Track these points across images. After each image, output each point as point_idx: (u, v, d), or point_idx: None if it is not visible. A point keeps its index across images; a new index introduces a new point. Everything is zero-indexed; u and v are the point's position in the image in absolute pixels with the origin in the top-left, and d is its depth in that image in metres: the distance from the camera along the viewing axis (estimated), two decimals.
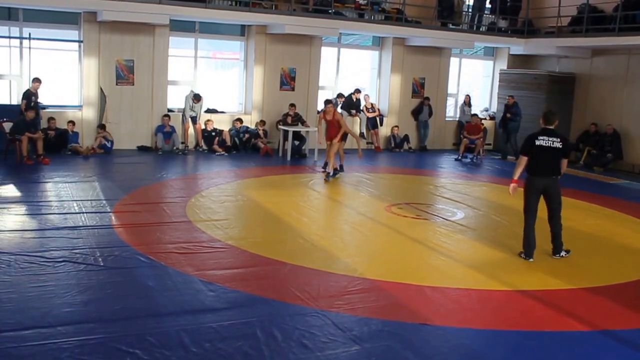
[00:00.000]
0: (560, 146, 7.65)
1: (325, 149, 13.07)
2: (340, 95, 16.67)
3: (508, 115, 16.86)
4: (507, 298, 6.50)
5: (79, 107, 14.33)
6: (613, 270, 7.62)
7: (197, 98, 14.57)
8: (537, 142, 7.66)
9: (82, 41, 14.09)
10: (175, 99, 15.20)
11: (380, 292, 6.36)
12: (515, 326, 5.77)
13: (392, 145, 17.47)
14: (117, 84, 14.35)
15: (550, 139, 7.66)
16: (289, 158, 14.68)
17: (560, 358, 5.15)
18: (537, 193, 7.76)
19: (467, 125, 16.99)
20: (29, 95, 12.89)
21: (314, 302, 5.87)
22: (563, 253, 7.93)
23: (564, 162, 7.78)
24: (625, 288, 7.00)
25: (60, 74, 15.10)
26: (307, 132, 15.31)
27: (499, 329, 5.71)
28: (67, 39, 14.44)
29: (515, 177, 7.85)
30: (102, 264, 6.63)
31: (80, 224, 8.12)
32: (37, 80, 13.07)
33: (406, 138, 17.61)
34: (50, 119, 13.54)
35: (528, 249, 7.82)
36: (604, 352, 5.30)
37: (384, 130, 17.62)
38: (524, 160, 7.76)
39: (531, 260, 7.76)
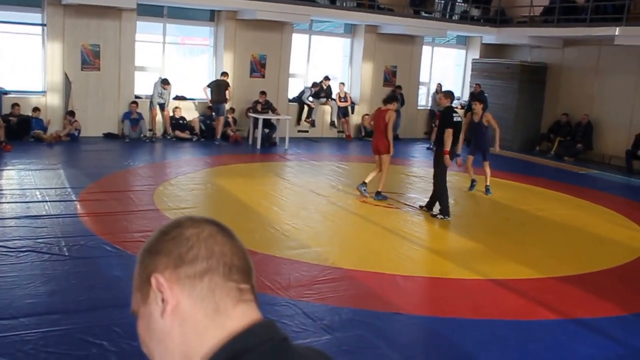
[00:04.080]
0: (461, 119, 9.06)
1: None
2: (315, 85, 16.55)
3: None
4: (480, 287, 6.48)
5: (43, 92, 13.97)
6: (584, 260, 7.66)
7: (165, 82, 14.29)
8: (455, 119, 8.87)
9: (45, 25, 13.71)
10: (143, 86, 14.91)
11: (351, 281, 6.29)
12: (487, 315, 5.76)
13: (363, 134, 17.37)
14: (82, 70, 14.01)
15: (457, 114, 9.04)
16: (259, 146, 14.51)
17: (532, 346, 5.15)
18: None
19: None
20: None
21: (284, 292, 5.79)
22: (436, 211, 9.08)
23: None
24: (596, 277, 7.02)
25: (23, 59, 14.69)
26: (278, 120, 15.16)
27: (471, 318, 5.68)
28: (29, 22, 14.01)
29: (448, 149, 8.92)
30: (67, 254, 6.44)
31: (44, 212, 7.89)
32: (226, 74, 14.89)
33: None
34: (15, 104, 13.17)
35: (448, 210, 8.97)
36: (575, 340, 5.31)
37: (355, 119, 17.55)
38: (451, 132, 8.86)
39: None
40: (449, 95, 9.44)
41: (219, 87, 14.68)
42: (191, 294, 1.03)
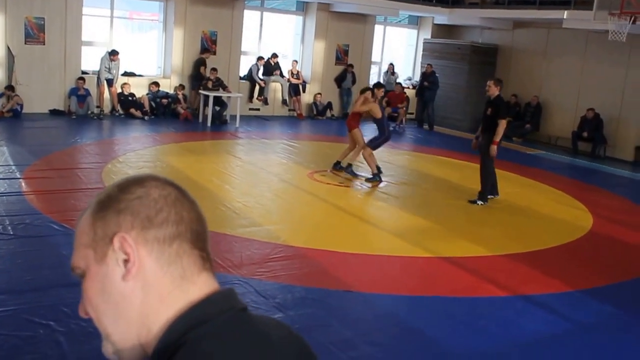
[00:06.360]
0: None
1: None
2: (260, 58, 16.39)
3: (425, 83, 17.02)
4: (430, 265, 6.56)
5: None
6: (531, 238, 7.81)
7: (114, 53, 13.91)
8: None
9: None
10: (90, 61, 14.51)
11: (303, 259, 6.29)
12: (438, 292, 5.83)
13: (315, 112, 17.34)
14: (26, 43, 13.53)
15: None
16: (209, 124, 14.33)
17: (482, 323, 5.24)
18: None
19: (391, 93, 17.03)
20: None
21: (236, 270, 5.75)
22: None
23: None
24: (543, 255, 7.18)
25: None
26: (229, 97, 14.98)
27: (422, 295, 5.75)
28: None
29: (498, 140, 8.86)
30: (11, 233, 6.25)
31: None
32: (207, 51, 15.45)
33: (329, 105, 17.52)
34: None
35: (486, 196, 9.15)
36: (523, 316, 5.42)
37: (307, 98, 17.47)
38: (505, 123, 8.81)
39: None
40: (500, 82, 8.98)
41: (195, 63, 15.32)
42: (159, 258, 1.01)
